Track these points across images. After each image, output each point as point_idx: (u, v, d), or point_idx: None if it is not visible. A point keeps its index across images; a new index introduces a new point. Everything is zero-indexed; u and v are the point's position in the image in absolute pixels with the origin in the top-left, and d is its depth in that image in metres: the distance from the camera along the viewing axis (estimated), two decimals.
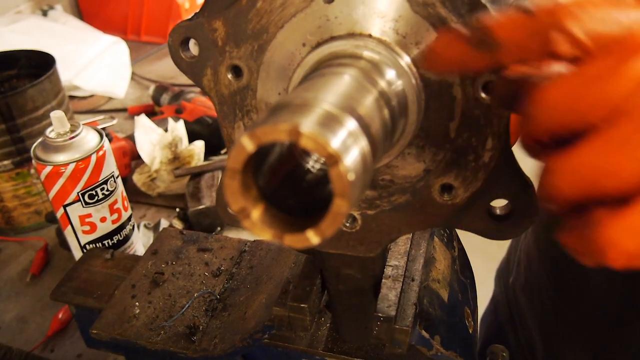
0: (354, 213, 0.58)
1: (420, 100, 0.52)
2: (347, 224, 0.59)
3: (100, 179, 0.95)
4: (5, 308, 1.17)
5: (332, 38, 0.52)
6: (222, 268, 0.91)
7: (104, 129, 1.41)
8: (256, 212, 0.34)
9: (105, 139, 0.97)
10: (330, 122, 0.34)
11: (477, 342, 0.76)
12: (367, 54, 0.49)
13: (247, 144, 0.32)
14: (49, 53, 1.35)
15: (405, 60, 0.51)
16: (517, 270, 1.26)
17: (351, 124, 0.35)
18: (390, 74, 0.49)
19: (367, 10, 0.51)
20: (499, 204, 0.56)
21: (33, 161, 0.93)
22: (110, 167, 0.97)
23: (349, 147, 0.33)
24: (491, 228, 0.56)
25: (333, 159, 0.31)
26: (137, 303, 0.87)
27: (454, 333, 0.67)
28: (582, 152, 0.36)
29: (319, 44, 0.53)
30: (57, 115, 0.92)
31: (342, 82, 0.42)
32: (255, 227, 0.34)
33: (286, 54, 0.54)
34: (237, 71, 0.56)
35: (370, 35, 0.51)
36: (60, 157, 0.92)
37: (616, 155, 0.34)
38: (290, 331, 0.66)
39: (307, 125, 0.31)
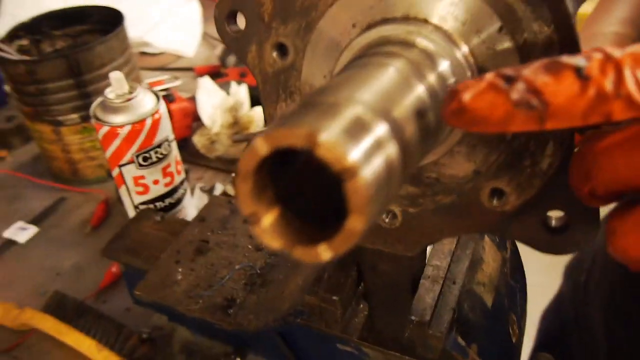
0: (395, 209, 0.55)
1: None
2: (387, 220, 0.55)
3: (154, 143, 0.96)
4: (65, 255, 1.23)
5: (385, 20, 0.48)
6: None
7: (167, 89, 1.42)
8: (267, 219, 0.32)
9: (161, 102, 0.97)
10: (356, 128, 0.30)
11: (521, 350, 0.71)
12: (420, 41, 0.45)
13: (261, 147, 0.29)
14: (118, 10, 1.37)
15: (463, 50, 0.46)
16: (590, 268, 1.18)
17: (380, 129, 0.31)
18: (444, 65, 0.44)
19: None
20: (554, 214, 0.50)
21: (92, 120, 0.95)
22: (165, 131, 0.98)
23: (371, 157, 0.29)
24: (544, 240, 0.51)
25: (350, 173, 0.28)
26: (180, 269, 0.87)
27: (494, 341, 0.63)
28: None
29: (370, 26, 0.49)
30: (116, 76, 0.93)
31: (384, 77, 0.38)
32: (264, 235, 0.32)
33: (334, 34, 0.50)
34: (282, 49, 0.53)
35: (425, 20, 0.46)
36: (117, 118, 0.93)
37: None
38: (321, 321, 0.64)
39: (328, 133, 0.28)
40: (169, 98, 1.39)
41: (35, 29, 1.41)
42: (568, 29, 0.43)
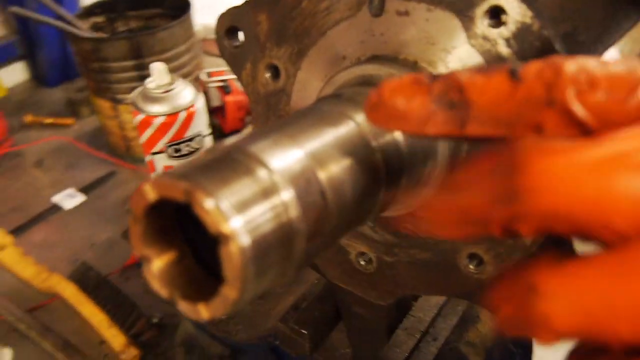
0: (370, 254, 0.51)
1: (459, 144, 0.42)
2: (362, 262, 0.52)
3: (186, 136, 0.97)
4: (103, 228, 1.28)
5: (373, 57, 0.45)
6: None
7: (225, 80, 1.44)
8: (156, 265, 0.30)
9: (199, 97, 0.98)
10: (251, 192, 0.28)
11: None
12: None
13: (149, 193, 0.28)
14: None
15: None
16: None
17: (285, 195, 0.29)
18: None
19: (417, 33, 0.42)
20: None
21: (132, 106, 0.97)
22: (199, 126, 0.99)
23: (258, 224, 0.27)
24: None
25: (224, 238, 0.26)
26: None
27: None
28: (591, 272, 0.23)
29: (359, 61, 0.46)
30: (158, 67, 0.94)
31: (331, 132, 0.35)
32: (152, 280, 0.30)
33: (324, 64, 0.48)
34: (275, 72, 0.51)
35: (415, 63, 0.43)
36: (153, 108, 0.95)
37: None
38: (291, 350, 0.62)
39: (207, 193, 0.26)
40: (225, 89, 1.41)
41: (111, 7, 1.47)
42: None
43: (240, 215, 0.26)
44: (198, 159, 0.30)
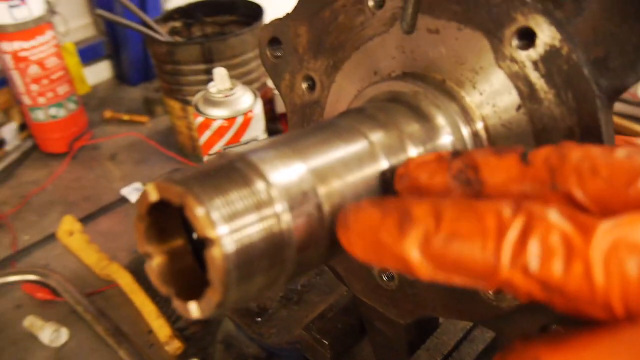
0: (392, 272, 0.51)
1: None
2: (385, 279, 0.52)
3: (242, 140, 1.00)
4: None
5: (403, 74, 0.45)
6: None
7: None
8: (156, 261, 0.32)
9: (257, 103, 1.01)
10: (249, 201, 0.29)
11: None
12: (425, 106, 0.41)
13: (151, 193, 0.29)
14: (261, 6, 1.44)
15: (477, 125, 0.41)
16: None
17: (279, 207, 0.30)
18: (445, 140, 0.40)
19: (446, 52, 0.42)
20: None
21: (193, 109, 1.02)
22: (256, 130, 1.01)
23: (243, 232, 0.28)
24: None
25: (209, 241, 0.27)
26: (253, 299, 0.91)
27: None
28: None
29: (389, 77, 0.46)
30: (219, 72, 0.98)
31: (341, 149, 0.35)
32: (152, 275, 0.32)
33: (356, 78, 0.48)
34: (311, 83, 0.52)
35: (443, 82, 0.42)
36: (212, 111, 0.99)
37: None
38: (313, 358, 0.62)
39: (197, 197, 0.27)
40: None
41: (189, 13, 1.54)
42: (592, 124, 0.36)
43: (227, 223, 0.27)
44: (204, 164, 0.31)
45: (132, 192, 1.42)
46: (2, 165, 1.53)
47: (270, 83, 1.46)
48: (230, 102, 0.98)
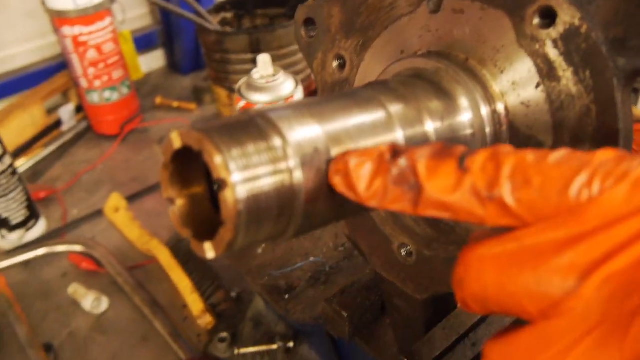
0: (411, 246, 0.53)
1: None
2: (403, 254, 0.53)
3: None
4: None
5: (428, 53, 0.46)
6: (347, 245, 0.92)
7: None
8: (177, 205, 0.34)
9: (298, 89, 1.04)
10: (259, 151, 0.31)
11: None
12: (446, 84, 0.42)
13: (175, 140, 0.32)
14: None
15: (498, 105, 0.42)
16: None
17: (292, 162, 0.32)
18: (463, 117, 0.42)
19: (469, 31, 0.43)
20: None
21: (236, 93, 1.05)
22: None
23: (256, 178, 0.30)
24: None
25: (223, 183, 0.29)
26: (263, 245, 0.94)
27: None
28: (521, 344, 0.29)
29: (415, 55, 0.47)
30: (263, 59, 1.01)
31: (357, 115, 0.37)
32: (174, 219, 0.34)
33: (384, 57, 0.50)
34: (341, 62, 0.54)
35: (466, 60, 0.44)
36: (254, 97, 1.02)
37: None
38: (333, 330, 0.64)
39: (214, 143, 0.30)
40: None
41: (240, 5, 1.59)
42: (609, 102, 0.37)
43: (241, 169, 0.30)
44: (228, 117, 0.34)
45: None
46: (58, 144, 1.62)
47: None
48: (272, 88, 1.01)
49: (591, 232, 0.26)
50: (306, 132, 0.33)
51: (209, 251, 0.32)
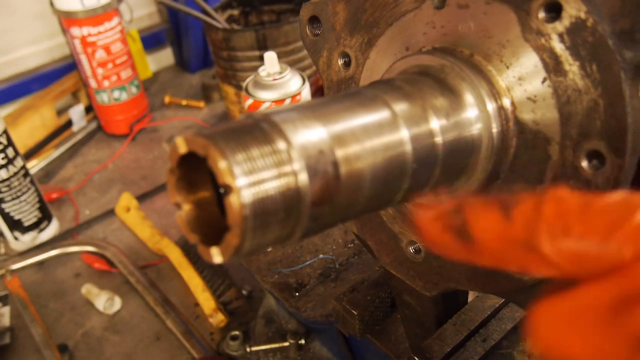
0: (419, 244, 0.52)
1: (506, 150, 0.42)
2: (412, 251, 0.53)
3: None
4: None
5: (433, 49, 0.46)
6: (356, 242, 0.92)
7: None
8: (184, 210, 0.34)
9: (305, 86, 1.03)
10: (270, 158, 0.31)
11: None
12: (451, 80, 0.42)
13: (180, 146, 0.32)
14: None
15: (504, 101, 0.42)
16: None
17: (297, 165, 0.32)
18: (469, 113, 0.41)
19: (474, 26, 0.43)
20: None
21: (243, 91, 1.05)
22: None
23: (261, 183, 0.30)
24: None
25: (228, 188, 0.29)
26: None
27: None
28: None
29: (420, 52, 0.47)
30: (270, 56, 1.01)
31: (361, 117, 0.37)
32: (181, 224, 0.34)
33: (389, 53, 0.50)
34: (347, 60, 0.54)
35: (471, 55, 0.43)
36: (261, 94, 1.02)
37: None
38: (344, 328, 0.64)
39: (220, 149, 0.30)
40: None
41: (246, 1, 1.58)
42: (617, 96, 0.36)
43: (246, 174, 0.30)
44: (233, 121, 0.34)
45: None
46: (69, 145, 1.63)
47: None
48: (279, 85, 1.01)
49: None
50: (310, 135, 0.33)
51: (216, 256, 0.32)
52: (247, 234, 0.30)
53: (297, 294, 0.84)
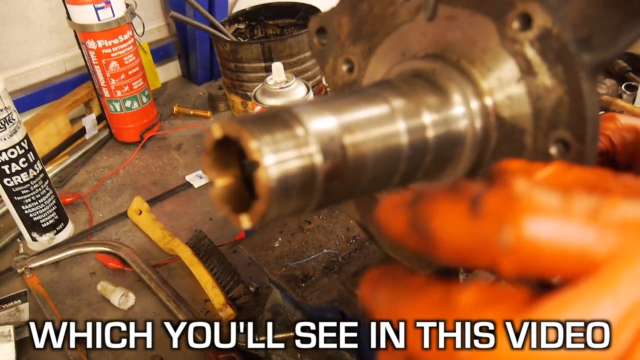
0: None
1: (487, 141, 0.49)
2: None
3: None
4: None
5: (426, 55, 0.53)
6: (358, 238, 0.98)
7: None
8: (218, 186, 0.41)
9: (310, 94, 1.11)
10: (285, 138, 0.38)
11: None
12: (442, 82, 0.49)
13: (216, 131, 0.39)
14: (319, 9, 1.54)
15: (486, 100, 0.49)
16: None
17: (312, 148, 0.38)
18: (456, 110, 0.48)
19: (461, 35, 0.50)
20: None
21: (252, 99, 1.13)
22: None
23: (284, 160, 0.37)
24: None
25: (257, 164, 0.36)
26: (279, 238, 1.01)
27: None
28: None
29: (414, 58, 0.54)
30: (276, 65, 1.09)
31: (365, 108, 0.44)
32: (215, 198, 0.41)
33: (387, 60, 0.57)
34: (350, 66, 0.61)
35: (458, 60, 0.50)
36: (269, 102, 1.09)
37: None
38: (348, 311, 0.71)
39: (251, 131, 0.37)
40: None
41: (252, 16, 1.67)
42: (578, 93, 0.43)
43: (272, 154, 0.37)
44: (259, 112, 0.41)
45: (195, 179, 1.55)
46: (82, 152, 1.70)
47: (324, 81, 1.56)
48: (285, 93, 1.09)
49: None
50: (323, 123, 0.40)
51: (245, 222, 0.39)
52: (273, 203, 0.37)
53: (303, 284, 0.90)
